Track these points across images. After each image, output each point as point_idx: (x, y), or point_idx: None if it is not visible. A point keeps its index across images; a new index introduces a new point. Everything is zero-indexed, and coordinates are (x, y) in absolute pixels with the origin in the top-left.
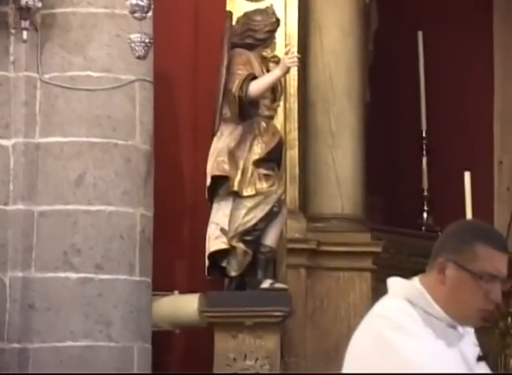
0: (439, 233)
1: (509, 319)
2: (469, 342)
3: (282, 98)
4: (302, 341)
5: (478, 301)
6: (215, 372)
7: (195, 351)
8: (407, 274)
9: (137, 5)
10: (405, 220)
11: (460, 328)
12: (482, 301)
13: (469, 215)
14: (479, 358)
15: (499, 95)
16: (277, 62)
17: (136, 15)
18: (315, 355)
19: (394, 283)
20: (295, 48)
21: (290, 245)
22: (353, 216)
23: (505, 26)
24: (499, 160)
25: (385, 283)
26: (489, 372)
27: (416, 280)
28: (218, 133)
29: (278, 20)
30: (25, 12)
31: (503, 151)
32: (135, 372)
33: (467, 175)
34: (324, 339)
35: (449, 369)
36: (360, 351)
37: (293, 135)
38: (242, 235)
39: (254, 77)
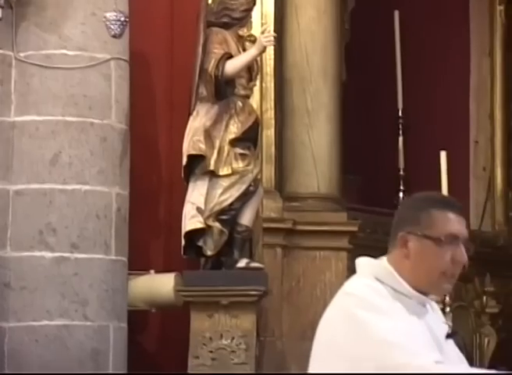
0: None
1: (484, 298)
2: (437, 319)
3: (259, 77)
4: (278, 320)
5: (444, 265)
6: (190, 350)
7: (171, 330)
8: (382, 254)
9: None
10: (381, 200)
11: (428, 306)
12: (448, 265)
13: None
14: (448, 336)
15: (475, 74)
16: (253, 41)
17: None
18: (291, 335)
19: (362, 262)
20: (271, 27)
21: (266, 225)
22: (329, 196)
23: (481, 3)
24: (475, 140)
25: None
26: (456, 349)
27: (384, 259)
28: (195, 113)
29: None
30: None
31: (478, 130)
32: (111, 351)
33: (443, 154)
34: (300, 318)
35: (423, 346)
36: (330, 330)
37: (270, 114)
38: (218, 214)
39: (230, 56)
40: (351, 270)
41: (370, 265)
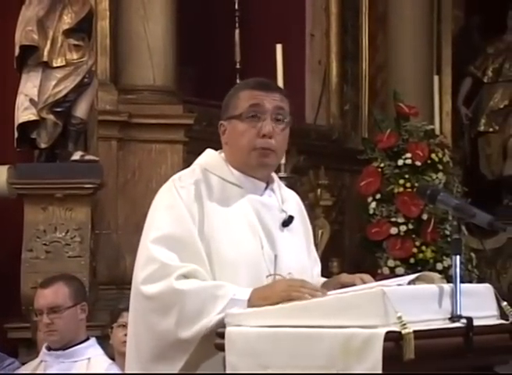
0: None
1: (318, 191)
2: (275, 209)
3: None
4: (113, 213)
5: (252, 140)
6: (24, 243)
7: (4, 223)
8: (219, 146)
9: None
10: (217, 93)
11: (270, 193)
12: (256, 140)
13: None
14: (283, 224)
15: None
16: None
17: None
18: (127, 227)
19: (204, 153)
20: None
21: (102, 117)
22: (165, 88)
23: None
24: (311, 33)
25: (197, 155)
26: (294, 240)
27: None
28: (27, 2)
29: None
30: None
31: (314, 24)
32: None
33: (278, 47)
34: (135, 211)
35: (183, 254)
36: None
37: (104, 5)
38: (52, 106)
39: None
40: (187, 163)
41: (207, 156)
